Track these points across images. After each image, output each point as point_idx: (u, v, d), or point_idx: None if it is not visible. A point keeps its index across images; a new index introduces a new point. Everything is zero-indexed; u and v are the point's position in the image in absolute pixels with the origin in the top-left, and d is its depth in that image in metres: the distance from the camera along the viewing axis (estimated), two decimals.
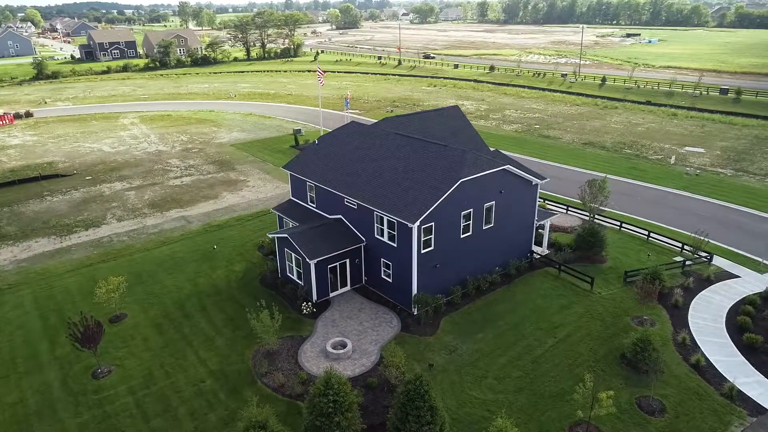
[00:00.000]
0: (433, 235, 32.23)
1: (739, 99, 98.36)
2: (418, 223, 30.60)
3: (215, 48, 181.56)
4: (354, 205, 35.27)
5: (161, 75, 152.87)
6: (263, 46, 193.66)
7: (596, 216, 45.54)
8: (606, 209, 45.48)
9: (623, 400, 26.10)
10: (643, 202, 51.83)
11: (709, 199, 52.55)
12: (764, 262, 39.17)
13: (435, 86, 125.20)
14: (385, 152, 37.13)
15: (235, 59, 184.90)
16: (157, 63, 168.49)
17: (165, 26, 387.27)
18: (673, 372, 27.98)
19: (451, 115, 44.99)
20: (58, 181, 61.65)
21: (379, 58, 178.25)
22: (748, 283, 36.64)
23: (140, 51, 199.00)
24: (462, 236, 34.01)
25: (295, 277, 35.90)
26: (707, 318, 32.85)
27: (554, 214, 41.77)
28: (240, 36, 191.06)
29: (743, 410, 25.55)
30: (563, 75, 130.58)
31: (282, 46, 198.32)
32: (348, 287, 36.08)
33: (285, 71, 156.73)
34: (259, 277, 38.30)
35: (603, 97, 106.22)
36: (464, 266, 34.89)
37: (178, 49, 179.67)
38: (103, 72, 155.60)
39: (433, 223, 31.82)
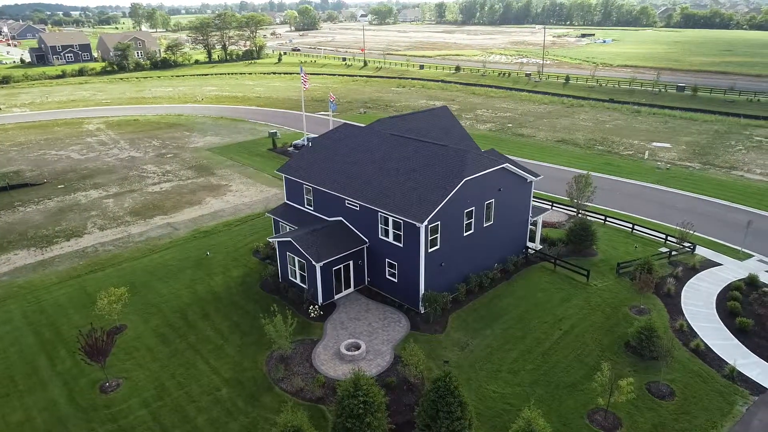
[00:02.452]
0: (439, 234, 32.67)
1: (695, 96, 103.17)
2: (426, 222, 30.97)
3: (175, 50, 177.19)
4: (356, 206, 35.33)
5: (121, 79, 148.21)
6: (225, 48, 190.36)
7: (581, 211, 47.06)
8: (589, 204, 47.04)
9: (634, 386, 27.10)
10: (622, 197, 53.78)
11: (683, 192, 55.01)
12: (743, 250, 41.35)
13: (404, 87, 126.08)
14: (383, 153, 37.34)
15: (197, 62, 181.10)
16: (115, 66, 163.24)
17: (117, 28, 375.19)
18: (676, 357, 29.19)
19: (442, 115, 45.63)
20: (28, 191, 59.11)
21: (344, 59, 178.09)
22: (731, 271, 38.65)
23: (95, 54, 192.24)
24: (465, 234, 34.60)
25: (298, 281, 35.67)
26: (699, 305, 34.50)
27: (546, 210, 42.91)
28: (200, 38, 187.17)
29: (745, 390, 27.01)
30: (527, 75, 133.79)
31: (244, 48, 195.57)
32: (351, 289, 36.12)
33: (250, 73, 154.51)
34: (260, 282, 37.87)
35: (568, 96, 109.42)
36: (467, 263, 35.49)
37: (136, 52, 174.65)
38: (58, 76, 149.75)
39: (439, 222, 32.26)
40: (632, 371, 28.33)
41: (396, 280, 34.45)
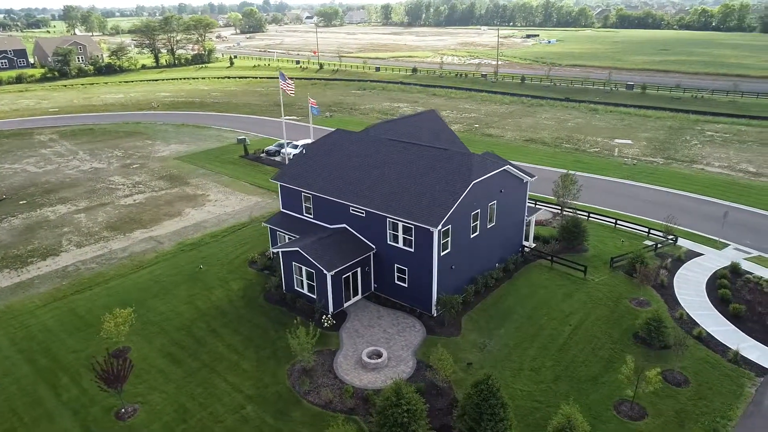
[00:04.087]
0: (450, 238, 32.99)
1: (644, 93, 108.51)
2: (440, 226, 31.21)
3: (120, 55, 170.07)
4: (362, 213, 35.15)
5: (64, 86, 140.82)
6: (173, 52, 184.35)
7: (564, 209, 48.63)
8: (571, 201, 48.62)
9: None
10: (597, 192, 55.87)
11: (652, 186, 57.76)
12: (721, 240, 43.89)
13: (364, 89, 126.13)
14: (384, 158, 37.30)
15: (143, 67, 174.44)
16: (56, 73, 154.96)
17: (49, 32, 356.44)
18: (676, 344, 30.67)
19: (430, 119, 46.07)
20: None
21: (298, 62, 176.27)
22: (712, 260, 40.94)
23: (32, 60, 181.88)
24: (471, 236, 35.08)
25: (305, 291, 35.09)
26: (691, 293, 36.38)
27: (539, 210, 44.08)
28: (146, 42, 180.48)
29: (750, 372, 28.73)
30: (483, 75, 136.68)
31: (193, 52, 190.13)
32: (359, 296, 35.90)
33: (203, 78, 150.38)
34: (263, 293, 37.02)
35: (527, 96, 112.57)
36: (473, 265, 36.00)
37: (77, 57, 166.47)
38: None
39: (450, 226, 32.58)
40: (644, 361, 29.54)
41: (406, 285, 34.50)
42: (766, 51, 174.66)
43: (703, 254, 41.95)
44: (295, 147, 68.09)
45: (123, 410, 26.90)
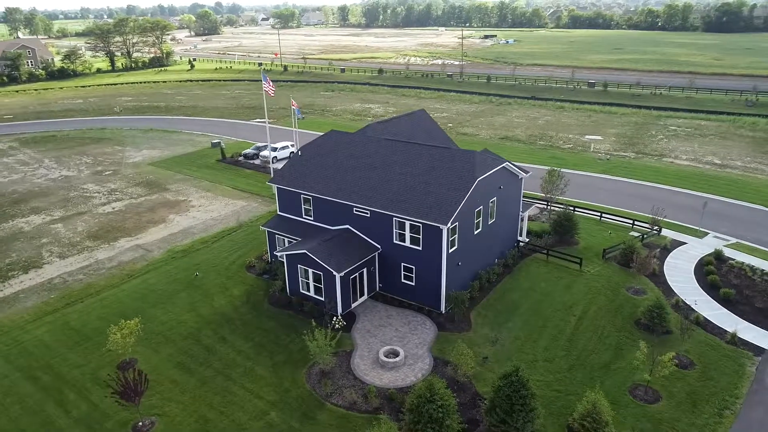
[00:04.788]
0: (457, 235, 33.43)
1: (606, 91, 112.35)
2: (449, 224, 31.59)
3: (73, 59, 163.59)
4: (366, 213, 35.17)
5: (16, 91, 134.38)
6: (129, 55, 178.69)
7: (549, 204, 49.99)
8: (556, 196, 50.03)
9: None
10: (576, 187, 57.48)
11: (627, 180, 60.01)
12: (701, 229, 46.03)
13: (333, 91, 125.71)
14: (384, 159, 37.43)
15: (99, 71, 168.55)
16: (5, 78, 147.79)
17: None
18: (687, 330, 32.07)
19: (422, 118, 46.53)
20: None
21: (260, 64, 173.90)
22: (696, 248, 42.90)
23: None
24: (475, 232, 35.64)
25: (312, 294, 34.84)
26: (682, 280, 38.05)
27: (532, 205, 45.13)
28: (101, 45, 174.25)
29: (748, 352, 30.33)
30: (449, 75, 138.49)
31: (150, 55, 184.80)
32: (365, 296, 35.90)
33: (164, 81, 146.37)
34: (266, 298, 36.52)
35: (494, 95, 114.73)
36: (477, 261, 36.60)
37: (27, 62, 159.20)
38: None
39: (458, 223, 33.01)
40: (650, 347, 30.74)
41: (413, 284, 34.73)
42: (712, 49, 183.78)
43: (686, 243, 43.90)
44: (274, 149, 67.35)
45: (141, 423, 26.06)
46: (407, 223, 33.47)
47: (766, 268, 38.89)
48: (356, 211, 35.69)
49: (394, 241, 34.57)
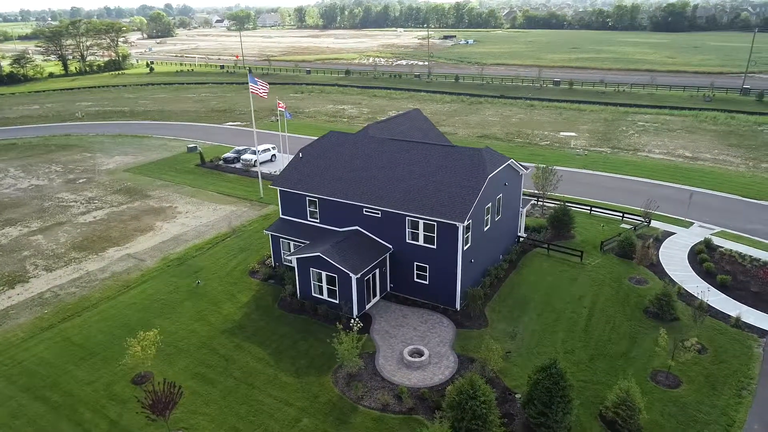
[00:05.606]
0: (470, 233, 33.67)
1: (572, 89, 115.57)
2: (465, 221, 31.79)
3: (23, 63, 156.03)
4: (377, 213, 34.97)
5: None
6: (83, 58, 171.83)
7: (540, 199, 51.05)
8: (549, 192, 51.12)
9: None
10: (560, 182, 58.86)
11: (607, 174, 61.85)
12: (687, 219, 47.92)
13: (302, 93, 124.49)
14: (389, 158, 37.31)
15: (51, 75, 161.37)
16: None
17: None
18: (691, 316, 33.33)
19: (417, 118, 46.65)
20: None
21: (222, 67, 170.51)
22: (685, 237, 44.62)
23: None
24: (485, 229, 35.99)
25: (325, 297, 34.37)
26: (678, 268, 39.51)
27: (530, 201, 45.91)
28: (53, 48, 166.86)
29: (753, 334, 31.77)
30: (416, 75, 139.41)
31: (105, 58, 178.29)
32: (378, 297, 35.71)
33: (125, 85, 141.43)
34: (277, 303, 35.80)
35: (464, 94, 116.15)
36: (487, 257, 36.97)
37: None
38: None
39: (471, 221, 33.26)
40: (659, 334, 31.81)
41: (427, 282, 34.76)
42: (663, 48, 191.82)
43: (675, 233, 45.60)
44: (254, 153, 66.17)
45: None
46: (421, 222, 33.48)
47: (755, 255, 40.83)
48: (366, 211, 35.45)
49: (407, 241, 34.52)
